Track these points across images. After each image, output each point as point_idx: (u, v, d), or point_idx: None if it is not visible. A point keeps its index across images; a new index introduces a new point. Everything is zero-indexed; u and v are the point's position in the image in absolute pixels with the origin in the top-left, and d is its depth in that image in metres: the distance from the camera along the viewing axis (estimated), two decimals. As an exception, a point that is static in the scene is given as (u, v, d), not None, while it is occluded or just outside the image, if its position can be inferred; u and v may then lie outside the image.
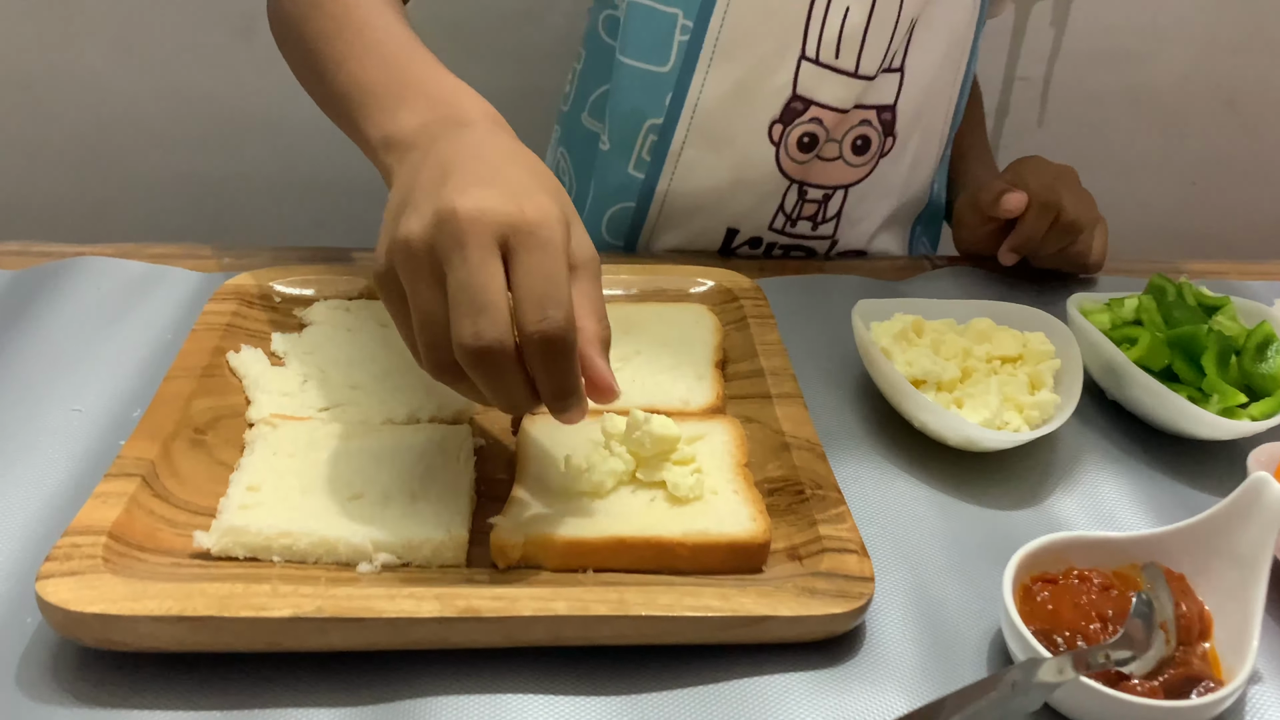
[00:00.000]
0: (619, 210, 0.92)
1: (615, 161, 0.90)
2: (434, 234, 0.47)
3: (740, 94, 0.85)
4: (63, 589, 0.48)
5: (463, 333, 0.46)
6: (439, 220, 0.47)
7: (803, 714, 0.49)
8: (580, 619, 0.49)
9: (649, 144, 0.88)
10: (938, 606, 0.56)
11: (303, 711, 0.48)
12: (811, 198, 0.91)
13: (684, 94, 0.85)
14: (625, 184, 0.90)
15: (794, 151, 0.87)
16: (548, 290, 0.47)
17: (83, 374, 0.69)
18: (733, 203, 0.90)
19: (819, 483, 0.60)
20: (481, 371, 0.47)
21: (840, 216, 0.93)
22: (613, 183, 0.91)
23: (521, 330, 0.47)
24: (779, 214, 0.91)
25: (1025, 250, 0.85)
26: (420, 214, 0.48)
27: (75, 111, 1.30)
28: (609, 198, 0.92)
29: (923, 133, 0.92)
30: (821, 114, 0.86)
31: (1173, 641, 0.50)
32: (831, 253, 0.96)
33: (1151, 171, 1.46)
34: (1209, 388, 0.68)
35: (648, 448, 0.58)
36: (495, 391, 0.49)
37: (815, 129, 0.86)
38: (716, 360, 0.71)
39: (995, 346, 0.70)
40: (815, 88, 0.85)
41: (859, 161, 0.90)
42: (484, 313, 0.46)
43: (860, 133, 0.88)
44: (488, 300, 0.46)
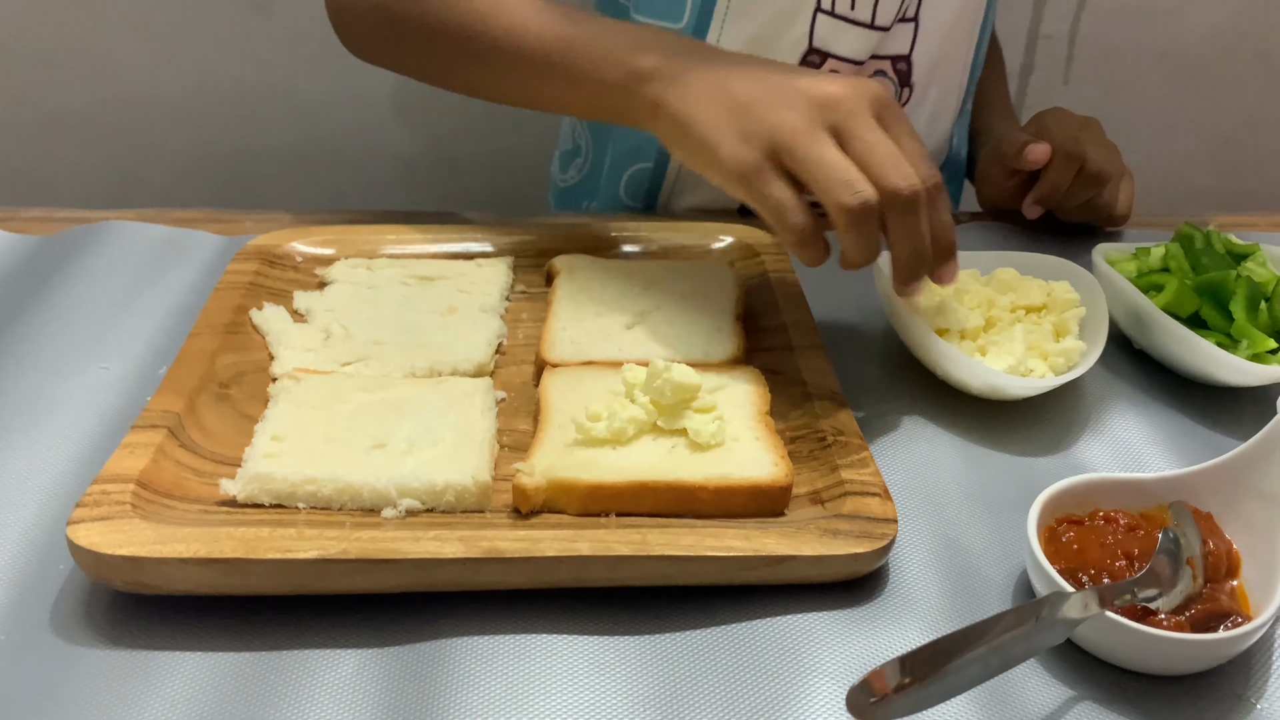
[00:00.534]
0: (637, 171, 0.91)
1: None
2: (820, 114, 0.56)
3: (756, 48, 0.84)
4: (93, 533, 0.48)
5: (895, 182, 0.55)
6: (821, 105, 0.56)
7: (826, 653, 0.49)
8: (604, 559, 0.49)
9: None
10: (961, 550, 0.56)
11: (329, 653, 0.49)
12: None
13: None
14: (642, 144, 0.90)
15: None
16: (923, 150, 0.58)
17: (109, 334, 0.70)
18: None
19: (841, 430, 0.60)
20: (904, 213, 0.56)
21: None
22: (630, 143, 0.91)
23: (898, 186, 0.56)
24: None
25: (1050, 202, 0.84)
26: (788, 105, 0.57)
27: (95, 88, 1.31)
28: (627, 158, 0.92)
29: (940, 84, 0.91)
30: (838, 66, 0.85)
31: (1200, 578, 0.50)
32: None
33: (1180, 129, 1.43)
34: (1238, 333, 0.67)
35: (669, 396, 0.58)
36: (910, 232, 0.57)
37: None
38: (737, 314, 0.71)
39: (1020, 296, 0.69)
40: (831, 40, 0.84)
41: None
42: (901, 164, 0.56)
43: None
44: (899, 155, 0.56)
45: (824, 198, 0.56)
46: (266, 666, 0.48)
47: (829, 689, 0.47)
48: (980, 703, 0.47)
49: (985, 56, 1.00)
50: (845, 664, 0.49)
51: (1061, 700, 0.48)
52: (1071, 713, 0.47)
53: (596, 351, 0.66)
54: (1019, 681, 0.49)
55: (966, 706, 0.47)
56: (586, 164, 0.98)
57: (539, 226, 0.82)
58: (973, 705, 0.47)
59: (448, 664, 0.48)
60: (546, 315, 0.70)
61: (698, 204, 0.93)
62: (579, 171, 1.00)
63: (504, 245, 0.79)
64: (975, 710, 0.47)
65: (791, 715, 0.46)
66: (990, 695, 0.48)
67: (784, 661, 0.49)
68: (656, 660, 0.49)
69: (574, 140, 1.00)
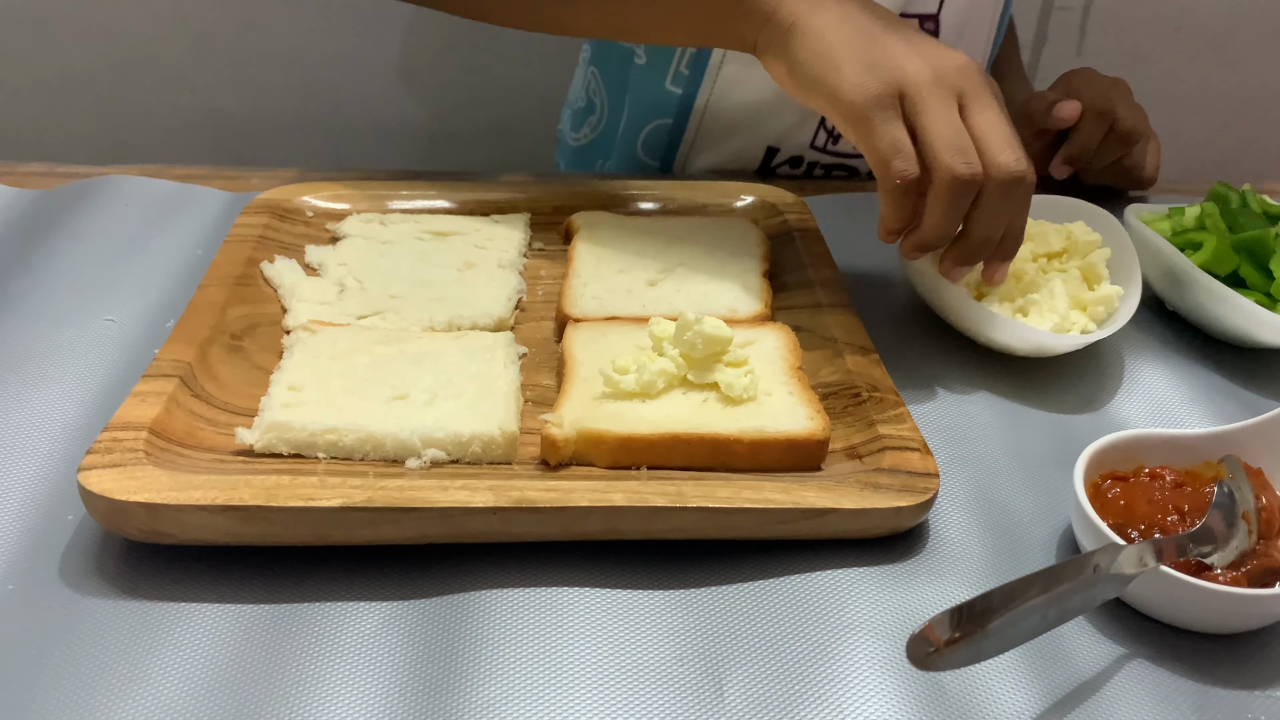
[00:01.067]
0: (656, 127, 0.89)
1: (652, 76, 0.88)
2: (946, 75, 0.56)
3: None
4: (106, 479, 0.46)
5: (1008, 162, 0.55)
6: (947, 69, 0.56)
7: (868, 608, 0.47)
8: (638, 510, 0.47)
9: (688, 57, 0.85)
10: (1001, 507, 0.54)
11: (351, 605, 0.47)
12: None
13: None
14: (662, 100, 0.88)
15: None
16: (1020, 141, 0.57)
17: (114, 288, 0.67)
18: (774, 119, 0.88)
19: (875, 385, 0.58)
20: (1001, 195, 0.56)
21: None
22: (649, 99, 0.88)
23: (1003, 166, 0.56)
24: (820, 131, 0.88)
25: (1080, 161, 0.82)
26: (920, 55, 0.56)
27: (91, 50, 1.28)
28: (645, 114, 0.89)
29: (966, 47, 0.89)
30: None
31: (1255, 534, 0.48)
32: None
33: (1195, 103, 1.42)
34: (1278, 292, 0.65)
35: (699, 349, 0.56)
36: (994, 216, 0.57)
37: None
38: (763, 270, 0.69)
39: (1038, 244, 0.67)
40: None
41: None
42: (1016, 148, 0.56)
43: None
44: (1014, 139, 0.56)
45: (935, 159, 0.55)
46: (286, 619, 0.46)
47: (870, 644, 0.46)
48: (1031, 660, 0.46)
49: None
50: (887, 619, 0.47)
51: (1113, 658, 0.46)
52: (1123, 670, 0.46)
53: (620, 307, 0.64)
54: (1069, 639, 0.47)
55: (1018, 663, 0.45)
56: (601, 122, 0.96)
57: (555, 183, 0.80)
58: (1024, 662, 0.46)
59: (476, 616, 0.46)
60: (567, 271, 0.68)
61: (716, 163, 0.91)
62: (593, 130, 0.97)
63: (521, 201, 0.77)
64: (1027, 667, 0.45)
65: (834, 669, 0.45)
66: (1040, 653, 0.46)
67: (824, 616, 0.47)
68: (693, 613, 0.47)
69: (587, 97, 0.98)
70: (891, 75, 0.56)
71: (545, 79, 1.23)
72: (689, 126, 0.88)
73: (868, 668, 0.45)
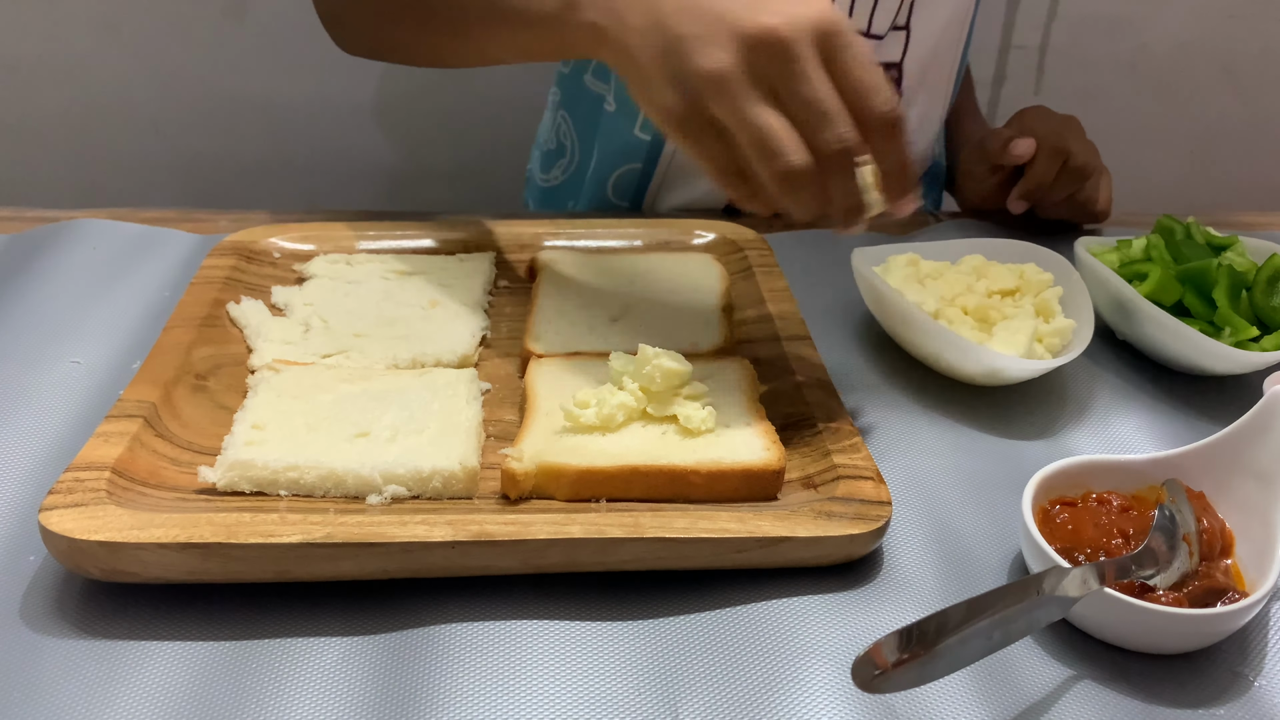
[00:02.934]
0: (625, 172, 0.91)
1: (621, 123, 0.89)
2: (752, 57, 0.50)
3: None
4: (67, 519, 0.47)
5: (827, 139, 0.50)
6: (752, 43, 0.50)
7: (823, 635, 0.48)
8: (596, 542, 0.48)
9: None
10: (954, 533, 0.55)
11: (311, 641, 0.47)
12: None
13: None
14: (632, 146, 0.90)
15: None
16: (876, 78, 0.51)
17: (80, 330, 0.68)
18: None
19: (831, 416, 0.59)
20: (839, 169, 0.51)
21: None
22: (619, 144, 0.90)
23: (869, 116, 0.50)
24: None
25: (1035, 196, 0.85)
26: (718, 44, 0.50)
27: (64, 94, 1.28)
28: (615, 159, 0.91)
29: (928, 92, 0.92)
30: None
31: (1196, 556, 0.50)
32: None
33: (1149, 139, 1.45)
34: (1221, 321, 0.67)
35: (658, 382, 0.57)
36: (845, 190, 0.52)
37: None
38: (724, 305, 0.70)
39: (992, 281, 0.69)
40: None
41: None
42: (839, 117, 0.50)
43: None
44: (836, 106, 0.50)
45: (753, 163, 0.51)
46: (246, 655, 0.46)
47: (826, 671, 0.46)
48: (980, 681, 0.47)
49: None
50: (842, 646, 0.48)
51: (1060, 679, 0.47)
52: (1071, 691, 0.47)
53: (582, 343, 0.66)
54: (1017, 661, 0.48)
55: (966, 684, 0.46)
56: (572, 164, 0.98)
57: (520, 222, 0.81)
58: (972, 683, 0.46)
59: (436, 651, 0.47)
60: (530, 308, 0.69)
61: (684, 203, 0.92)
62: (564, 172, 0.99)
63: (486, 240, 0.78)
64: (975, 688, 0.46)
65: (789, 697, 0.45)
66: (990, 675, 0.47)
67: (780, 643, 0.48)
68: (650, 644, 0.48)
69: (558, 139, 0.99)
70: (691, 85, 0.51)
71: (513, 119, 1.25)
72: (657, 170, 0.90)
73: (822, 694, 0.45)
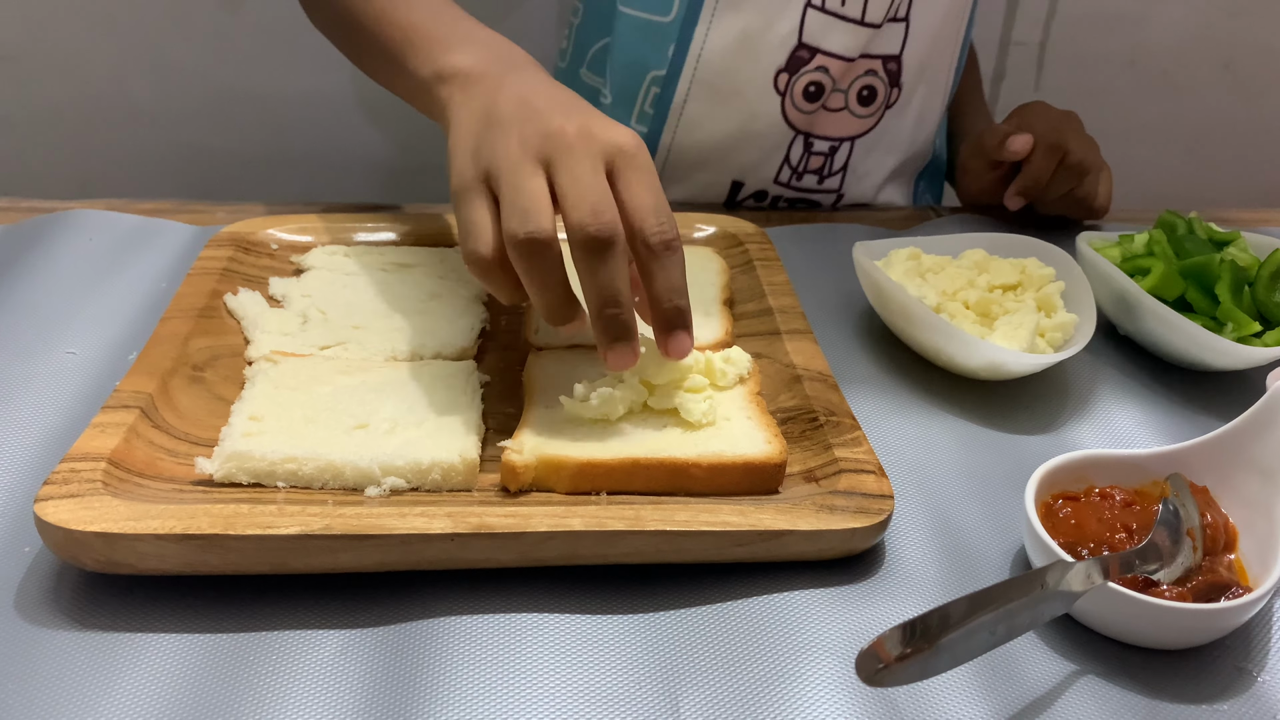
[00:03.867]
0: None
1: (617, 115, 0.89)
2: (544, 144, 0.52)
3: (745, 43, 0.84)
4: (62, 510, 0.46)
5: (584, 220, 0.51)
6: (550, 137, 0.52)
7: (825, 629, 0.48)
8: (596, 534, 0.48)
9: (651, 96, 0.87)
10: (956, 527, 0.55)
11: (309, 634, 0.47)
12: (818, 150, 0.90)
13: (687, 44, 0.84)
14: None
15: (800, 101, 0.86)
16: (658, 203, 0.53)
17: (76, 321, 0.67)
18: (738, 155, 0.89)
19: (832, 410, 0.59)
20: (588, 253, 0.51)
21: (846, 170, 0.92)
22: None
23: (640, 234, 0.52)
24: (784, 166, 0.90)
25: (1032, 193, 0.84)
26: (522, 134, 0.53)
27: (60, 86, 1.28)
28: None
29: (928, 85, 0.92)
30: (828, 62, 0.85)
31: (1199, 550, 0.49)
32: (837, 206, 0.95)
33: (1149, 136, 1.45)
34: (1223, 316, 0.67)
35: (658, 377, 0.57)
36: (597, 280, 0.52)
37: (821, 78, 0.85)
38: (724, 299, 0.70)
39: (994, 276, 0.69)
40: (821, 35, 0.84)
41: (865, 113, 0.89)
42: (600, 205, 0.51)
43: (866, 83, 0.88)
44: (605, 197, 0.51)
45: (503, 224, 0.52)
46: (243, 648, 0.46)
47: (828, 664, 0.46)
48: (983, 676, 0.46)
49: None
50: (844, 640, 0.47)
51: (1064, 674, 0.47)
52: (1074, 686, 0.47)
53: (582, 336, 0.65)
54: (1020, 656, 0.48)
55: (969, 679, 0.46)
56: None
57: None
58: (975, 678, 0.46)
59: (434, 643, 0.46)
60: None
61: (683, 198, 0.92)
62: None
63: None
64: (978, 683, 0.46)
65: (790, 691, 0.45)
66: (993, 670, 0.47)
67: (781, 637, 0.47)
68: (651, 637, 0.47)
69: None
70: (484, 161, 0.54)
71: None
72: (655, 163, 0.89)
73: (824, 688, 0.45)
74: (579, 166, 0.52)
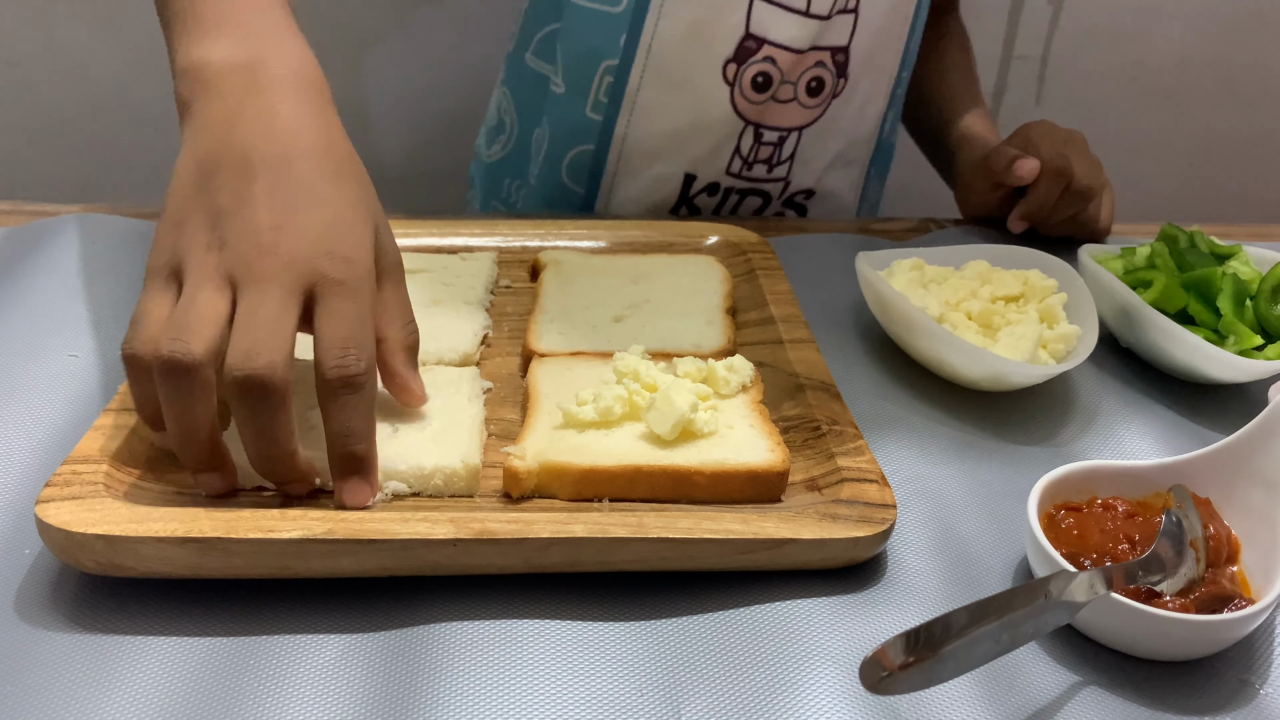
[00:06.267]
0: (578, 154, 0.91)
1: (572, 104, 0.90)
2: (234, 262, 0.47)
3: (695, 33, 0.84)
4: (64, 512, 0.46)
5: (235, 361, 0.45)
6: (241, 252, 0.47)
7: (827, 638, 0.48)
8: (599, 541, 0.48)
9: (605, 85, 0.88)
10: (959, 537, 0.55)
11: (309, 639, 0.47)
12: (767, 140, 0.91)
13: (639, 33, 0.85)
14: (584, 127, 0.90)
15: (749, 91, 0.87)
16: (352, 334, 0.48)
17: (78, 324, 0.67)
18: (691, 146, 0.90)
19: (835, 419, 0.59)
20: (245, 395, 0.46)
21: (794, 158, 0.93)
22: (571, 126, 0.91)
23: (319, 367, 0.48)
24: (735, 157, 0.91)
25: (1036, 218, 0.84)
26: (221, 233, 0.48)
27: (64, 90, 1.28)
28: (568, 141, 0.92)
29: (874, 73, 0.92)
30: (775, 53, 0.85)
31: (1203, 562, 0.49)
32: (784, 194, 0.95)
33: (1149, 150, 1.46)
34: (1225, 329, 0.67)
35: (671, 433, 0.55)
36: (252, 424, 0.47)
37: (769, 69, 0.86)
38: (726, 307, 0.70)
39: (996, 287, 0.69)
40: (768, 26, 0.84)
41: (813, 103, 0.90)
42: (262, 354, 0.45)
43: (815, 74, 0.88)
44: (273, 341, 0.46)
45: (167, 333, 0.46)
46: (243, 652, 0.46)
47: (830, 673, 0.46)
48: (986, 687, 0.46)
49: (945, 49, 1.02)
50: (846, 649, 0.47)
51: (1066, 685, 0.47)
52: (1076, 697, 0.46)
53: (585, 344, 0.65)
54: (1023, 666, 0.47)
55: (971, 689, 0.46)
56: (511, 140, 0.99)
57: (524, 222, 0.81)
58: (977, 688, 0.46)
59: (435, 649, 0.46)
60: (534, 307, 0.69)
61: (639, 191, 0.92)
62: (503, 148, 1.00)
63: (488, 240, 0.78)
64: (980, 693, 0.46)
65: (792, 699, 0.45)
66: (995, 679, 0.47)
67: (783, 646, 0.47)
68: (653, 645, 0.47)
69: (499, 115, 1.00)
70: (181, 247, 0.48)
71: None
72: (610, 152, 0.90)
73: (826, 697, 0.45)
74: (260, 295, 0.46)
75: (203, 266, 0.47)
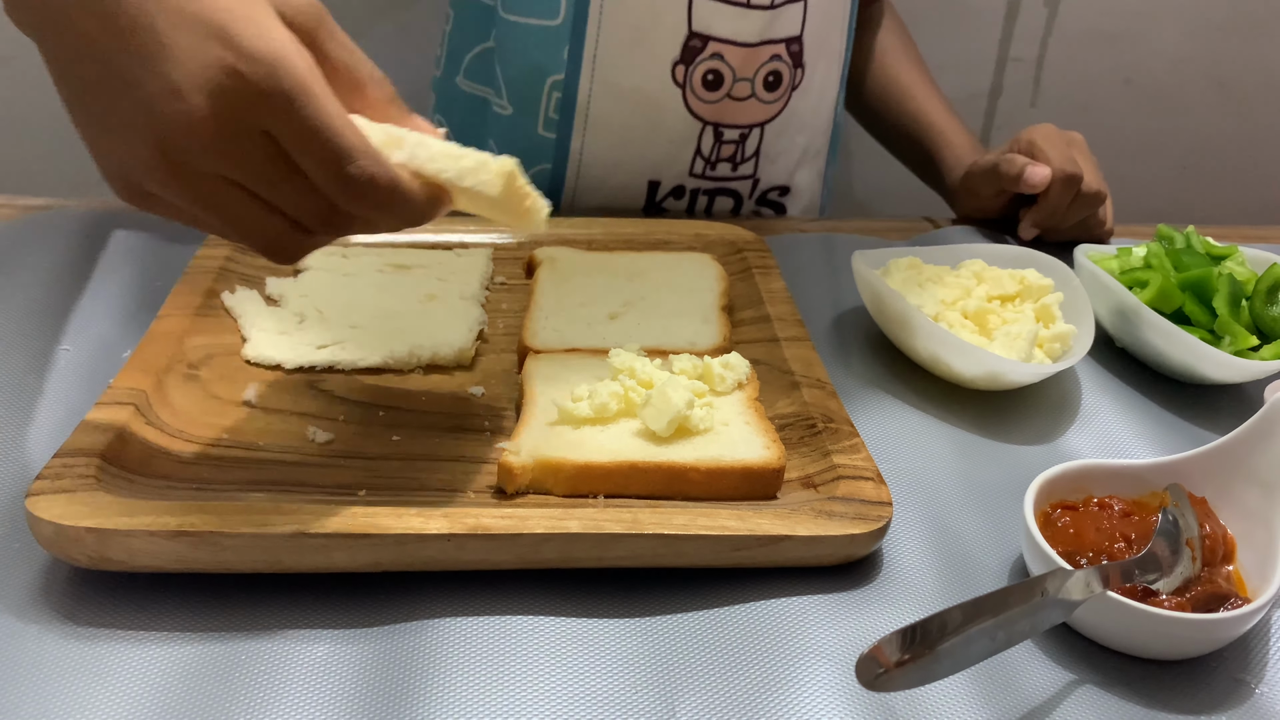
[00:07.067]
0: (536, 173, 0.89)
1: (521, 124, 0.88)
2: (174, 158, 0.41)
3: (638, 38, 0.83)
4: (55, 505, 0.46)
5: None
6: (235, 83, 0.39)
7: (822, 635, 0.48)
8: (593, 537, 0.47)
9: (554, 101, 0.86)
10: (954, 535, 0.55)
11: (302, 633, 0.46)
12: (728, 139, 0.89)
13: (581, 44, 0.83)
14: (538, 146, 0.88)
15: (700, 91, 0.85)
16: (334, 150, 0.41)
17: (71, 316, 0.67)
18: (650, 151, 0.88)
19: (830, 417, 0.59)
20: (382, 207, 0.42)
21: (759, 155, 0.92)
22: (525, 146, 0.88)
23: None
24: (697, 158, 0.90)
25: (1049, 225, 0.84)
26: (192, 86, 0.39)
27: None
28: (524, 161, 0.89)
29: (826, 59, 0.92)
30: (723, 49, 0.84)
31: (1198, 561, 0.49)
32: (755, 193, 0.94)
33: (1144, 152, 1.46)
34: (1221, 329, 0.67)
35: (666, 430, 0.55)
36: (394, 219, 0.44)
37: (719, 66, 0.84)
38: (722, 305, 0.70)
39: (993, 286, 0.69)
40: (712, 22, 0.83)
41: (771, 98, 0.89)
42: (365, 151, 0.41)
43: (771, 68, 0.87)
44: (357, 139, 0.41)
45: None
46: (235, 647, 0.45)
47: (824, 671, 0.46)
48: (982, 685, 0.46)
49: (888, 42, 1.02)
50: (841, 646, 0.47)
51: (1062, 683, 0.47)
52: (1071, 695, 0.46)
53: (580, 340, 0.65)
54: (1019, 665, 0.47)
55: (966, 687, 0.46)
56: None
57: (518, 220, 0.80)
58: (972, 686, 0.46)
59: (429, 646, 0.46)
60: (529, 304, 0.68)
61: (602, 202, 0.91)
62: None
63: (483, 236, 0.77)
64: (975, 691, 0.46)
65: (787, 696, 0.45)
66: (991, 678, 0.46)
67: (779, 643, 0.47)
68: (648, 642, 0.47)
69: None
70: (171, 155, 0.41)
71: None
72: (569, 169, 0.88)
73: (821, 694, 0.45)
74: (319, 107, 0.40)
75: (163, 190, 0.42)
